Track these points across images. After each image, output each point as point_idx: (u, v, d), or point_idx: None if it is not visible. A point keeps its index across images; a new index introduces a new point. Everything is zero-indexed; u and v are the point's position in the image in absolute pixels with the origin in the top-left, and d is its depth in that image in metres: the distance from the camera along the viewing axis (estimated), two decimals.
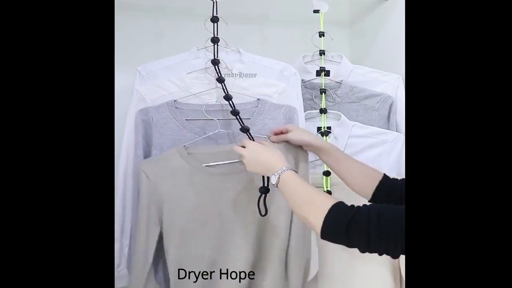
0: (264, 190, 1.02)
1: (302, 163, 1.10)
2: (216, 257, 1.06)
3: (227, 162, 1.08)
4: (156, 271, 1.09)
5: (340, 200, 0.80)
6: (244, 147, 0.99)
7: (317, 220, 0.78)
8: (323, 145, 1.06)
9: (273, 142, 1.08)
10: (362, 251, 0.76)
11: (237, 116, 1.08)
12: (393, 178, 1.00)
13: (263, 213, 1.02)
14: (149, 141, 1.10)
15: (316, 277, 1.20)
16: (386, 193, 0.97)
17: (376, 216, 0.74)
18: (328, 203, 0.79)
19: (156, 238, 1.06)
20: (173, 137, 1.10)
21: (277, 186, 0.90)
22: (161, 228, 1.05)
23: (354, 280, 1.22)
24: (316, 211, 0.80)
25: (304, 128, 1.12)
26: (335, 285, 1.22)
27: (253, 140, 1.03)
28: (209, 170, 1.07)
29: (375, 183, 0.98)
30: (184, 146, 1.08)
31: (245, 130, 1.06)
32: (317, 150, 1.07)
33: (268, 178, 0.99)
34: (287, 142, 1.08)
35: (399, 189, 0.95)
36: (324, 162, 1.09)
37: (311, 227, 0.82)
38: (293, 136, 1.07)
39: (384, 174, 1.01)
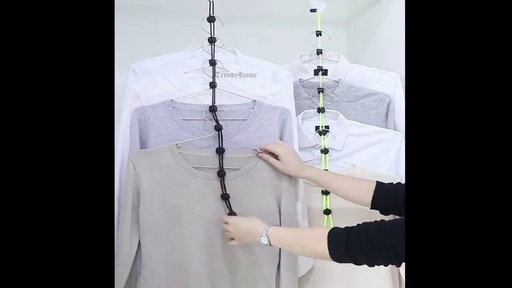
0: None
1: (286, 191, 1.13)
2: (183, 256, 1.07)
3: (212, 167, 1.09)
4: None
5: (334, 226, 0.88)
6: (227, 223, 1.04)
7: (324, 249, 0.85)
8: (308, 176, 1.10)
9: (258, 157, 1.12)
10: (370, 266, 0.82)
11: (220, 132, 1.10)
12: (388, 183, 1.03)
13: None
14: (145, 140, 1.10)
15: (314, 276, 1.21)
16: (383, 199, 1.01)
17: (365, 235, 0.81)
18: (323, 231, 0.87)
19: None
20: (170, 137, 1.10)
21: (271, 245, 0.95)
22: None
23: (352, 279, 1.22)
24: (319, 243, 0.86)
25: (294, 155, 1.13)
26: (333, 284, 1.22)
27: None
28: (194, 172, 1.08)
29: (370, 193, 1.02)
30: (177, 144, 1.08)
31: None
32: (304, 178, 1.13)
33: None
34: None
35: (395, 193, 0.99)
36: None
37: (325, 258, 0.87)
38: (279, 166, 1.10)
39: (377, 181, 1.03)
